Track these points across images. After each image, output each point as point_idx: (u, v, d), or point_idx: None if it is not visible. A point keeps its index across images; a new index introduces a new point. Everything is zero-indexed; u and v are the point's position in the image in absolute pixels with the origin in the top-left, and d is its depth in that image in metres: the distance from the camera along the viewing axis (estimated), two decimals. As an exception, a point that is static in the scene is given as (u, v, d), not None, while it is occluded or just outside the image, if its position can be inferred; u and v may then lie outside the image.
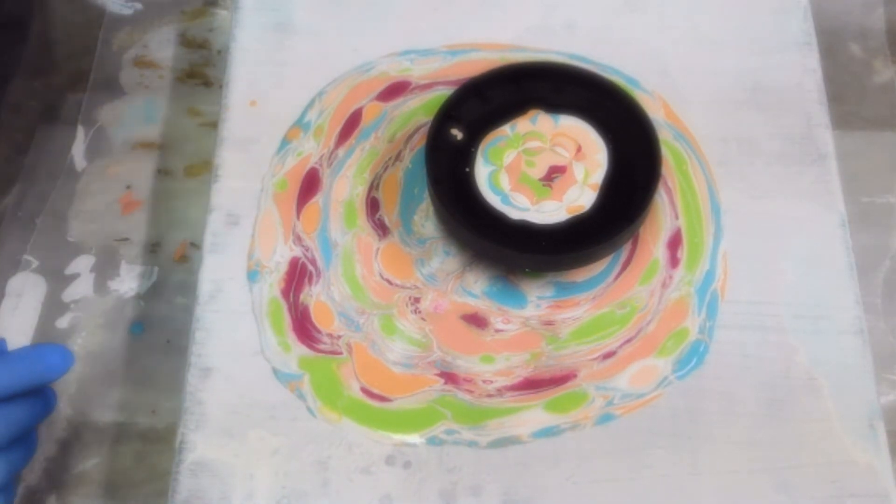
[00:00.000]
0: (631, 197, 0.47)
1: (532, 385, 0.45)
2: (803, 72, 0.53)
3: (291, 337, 0.46)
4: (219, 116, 0.52)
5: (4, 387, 0.39)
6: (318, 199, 0.50)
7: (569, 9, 0.55)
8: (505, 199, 0.47)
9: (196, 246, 0.52)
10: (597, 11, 0.55)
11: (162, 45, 0.59)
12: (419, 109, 0.52)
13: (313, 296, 0.47)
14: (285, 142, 0.51)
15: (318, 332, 0.46)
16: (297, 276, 0.48)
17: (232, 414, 0.44)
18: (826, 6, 0.58)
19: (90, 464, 0.48)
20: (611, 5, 0.55)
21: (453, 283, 0.48)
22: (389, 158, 0.51)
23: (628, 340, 0.46)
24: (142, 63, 0.58)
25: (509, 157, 0.49)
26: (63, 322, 0.51)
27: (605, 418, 0.45)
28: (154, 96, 0.57)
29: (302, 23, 0.54)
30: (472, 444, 0.44)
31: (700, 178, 0.50)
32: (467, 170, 0.48)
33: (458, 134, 0.49)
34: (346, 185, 0.50)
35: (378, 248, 0.49)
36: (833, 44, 0.58)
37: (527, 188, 0.48)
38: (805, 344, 0.46)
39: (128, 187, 0.54)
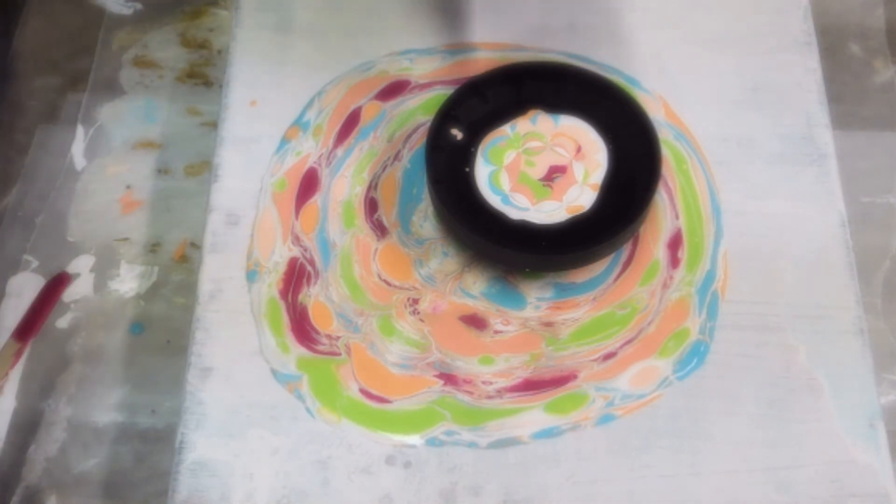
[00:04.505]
0: (631, 197, 0.47)
1: (532, 386, 0.45)
2: (803, 72, 0.52)
3: (290, 338, 0.46)
4: (219, 116, 0.52)
5: None
6: (316, 199, 0.50)
7: (569, 9, 0.54)
8: (505, 199, 0.47)
9: (196, 246, 0.52)
10: (597, 11, 0.54)
11: (162, 45, 0.59)
12: (418, 109, 0.52)
13: (312, 296, 0.47)
14: (284, 141, 0.51)
15: (317, 332, 0.46)
16: (296, 276, 0.48)
17: (232, 414, 0.45)
18: (826, 6, 0.58)
19: (90, 464, 0.48)
20: (611, 5, 0.55)
21: (452, 285, 0.48)
22: (388, 158, 0.51)
23: (629, 341, 0.46)
24: (142, 63, 0.58)
25: (509, 157, 0.49)
26: (63, 322, 0.51)
27: (606, 419, 0.45)
28: (154, 96, 0.57)
29: (302, 23, 0.54)
30: (472, 445, 0.44)
31: (700, 178, 0.50)
32: (467, 170, 0.48)
33: (458, 134, 0.49)
34: (344, 185, 0.50)
35: (376, 249, 0.49)
36: (833, 44, 0.58)
37: (527, 188, 0.48)
38: (805, 344, 0.46)
39: (128, 187, 0.54)
